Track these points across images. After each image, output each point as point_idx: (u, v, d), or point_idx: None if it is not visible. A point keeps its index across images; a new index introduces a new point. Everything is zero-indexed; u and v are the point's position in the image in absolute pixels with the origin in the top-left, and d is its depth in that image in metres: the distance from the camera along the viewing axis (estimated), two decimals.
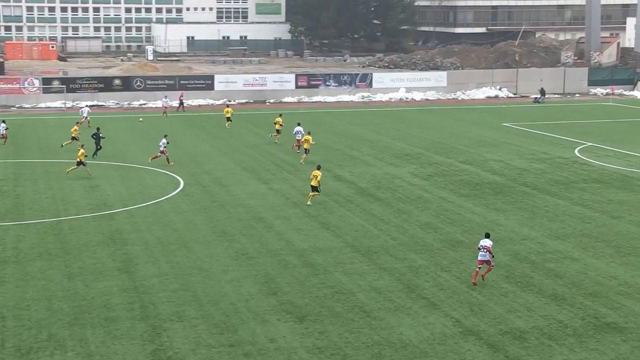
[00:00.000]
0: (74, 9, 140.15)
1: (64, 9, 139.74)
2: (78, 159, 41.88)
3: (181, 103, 72.07)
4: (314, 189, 36.74)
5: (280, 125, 53.79)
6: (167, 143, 45.71)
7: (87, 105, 67.21)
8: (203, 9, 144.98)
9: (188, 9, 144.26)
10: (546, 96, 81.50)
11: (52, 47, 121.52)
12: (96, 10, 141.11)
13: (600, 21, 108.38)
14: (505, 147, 52.42)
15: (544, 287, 26.00)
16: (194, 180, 42.19)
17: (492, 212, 35.69)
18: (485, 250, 26.19)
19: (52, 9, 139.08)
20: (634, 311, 23.82)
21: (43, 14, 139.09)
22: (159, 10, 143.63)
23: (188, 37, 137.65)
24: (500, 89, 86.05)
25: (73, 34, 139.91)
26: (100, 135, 47.95)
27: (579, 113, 71.56)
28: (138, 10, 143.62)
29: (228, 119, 60.90)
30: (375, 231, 32.61)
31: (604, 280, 26.59)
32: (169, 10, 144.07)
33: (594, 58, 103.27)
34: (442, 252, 29.83)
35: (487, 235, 26.81)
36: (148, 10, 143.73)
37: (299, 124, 50.25)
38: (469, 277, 26.82)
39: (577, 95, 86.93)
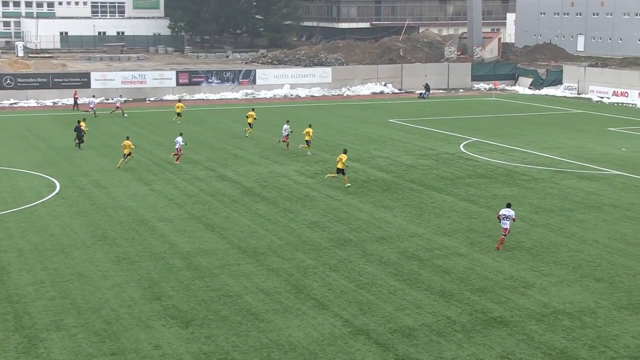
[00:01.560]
0: None
1: None
2: (126, 151, 44.22)
3: (75, 102, 70.64)
4: (341, 171, 39.74)
5: (254, 118, 55.20)
6: (184, 143, 46.72)
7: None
8: (77, 3, 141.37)
9: (60, 3, 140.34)
10: (431, 91, 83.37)
11: None
12: None
13: (481, 17, 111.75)
14: (392, 143, 53.31)
15: (432, 283, 26.56)
16: (70, 182, 41.10)
17: (379, 210, 36.22)
18: (509, 219, 29.65)
19: None
20: (519, 305, 24.64)
21: None
22: (28, 4, 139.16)
23: (61, 33, 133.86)
24: (385, 85, 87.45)
25: None
26: (81, 127, 50.05)
27: (464, 108, 73.53)
28: (5, 3, 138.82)
29: (178, 114, 62.01)
30: (261, 231, 32.57)
31: (491, 275, 27.39)
32: (39, 4, 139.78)
33: (476, 53, 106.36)
34: (330, 251, 30.06)
35: (509, 205, 30.34)
36: (17, 4, 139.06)
37: (287, 122, 50.91)
38: (357, 276, 27.14)
39: (461, 90, 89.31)
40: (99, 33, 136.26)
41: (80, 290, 25.62)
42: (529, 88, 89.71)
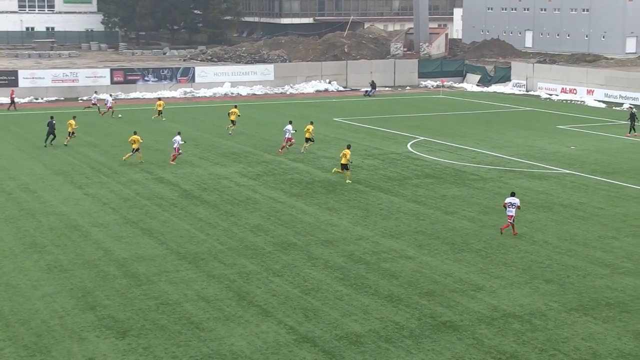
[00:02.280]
0: None
1: None
2: (134, 146, 45.39)
3: (12, 101, 69.45)
4: (344, 166, 41.27)
5: (237, 115, 56.35)
6: (184, 142, 47.06)
7: (110, 95, 69.75)
8: None
9: None
10: (377, 89, 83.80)
11: None
12: None
13: (428, 12, 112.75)
14: (337, 143, 53.42)
15: (380, 288, 26.67)
16: None
17: (324, 212, 36.26)
18: (514, 207, 32.00)
19: None
20: (468, 308, 24.87)
21: None
22: None
23: None
24: (329, 82, 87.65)
25: None
26: (53, 122, 51.14)
27: (411, 106, 74.07)
28: None
29: (159, 112, 62.49)
30: (202, 236, 32.36)
31: (439, 279, 27.60)
32: None
33: (423, 49, 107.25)
34: (273, 255, 30.00)
35: (513, 194, 32.75)
36: None
37: (290, 122, 50.55)
38: (302, 282, 27.13)
39: (408, 87, 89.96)
40: (27, 28, 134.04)
41: (8, 302, 25.14)
42: (477, 85, 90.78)
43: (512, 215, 32.33)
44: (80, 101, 75.85)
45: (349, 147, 42.66)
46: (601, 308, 24.89)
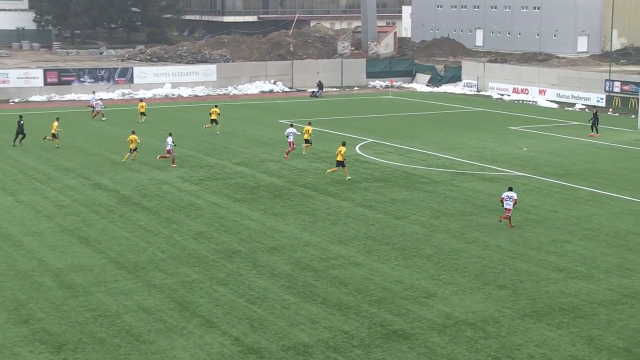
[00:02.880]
0: None
1: None
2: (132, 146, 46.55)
3: None
4: (341, 163, 42.78)
5: (218, 114, 57.63)
6: (174, 144, 47.35)
7: (100, 98, 69.05)
8: None
9: None
10: (324, 90, 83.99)
11: None
12: None
13: (376, 9, 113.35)
14: (282, 146, 53.37)
15: (328, 296, 26.70)
16: None
17: (270, 218, 36.21)
18: (512, 199, 34.21)
19: None
20: (419, 316, 25.02)
21: None
22: None
23: None
24: (275, 83, 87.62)
25: None
26: (22, 122, 52.66)
27: (359, 107, 74.36)
28: None
29: (142, 113, 62.29)
30: (142, 244, 32.09)
31: (390, 286, 27.72)
32: None
33: (371, 48, 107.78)
34: (217, 263, 29.87)
35: (510, 189, 34.93)
36: None
37: (291, 125, 50.81)
38: (248, 290, 27.04)
39: (355, 88, 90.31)
40: None
41: None
42: (427, 85, 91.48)
43: (509, 209, 34.39)
44: (11, 103, 74.70)
45: (344, 143, 43.64)
46: (555, 314, 25.23)
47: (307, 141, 49.95)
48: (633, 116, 65.29)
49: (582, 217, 36.43)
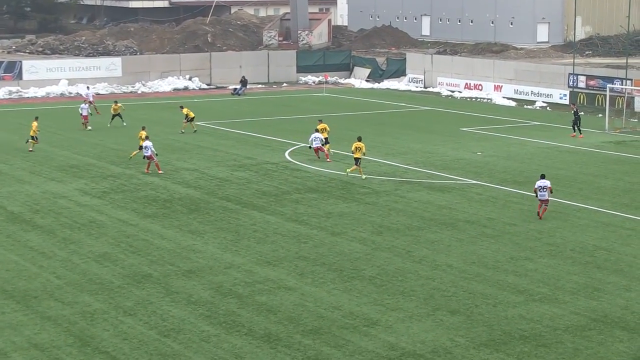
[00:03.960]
0: None
1: None
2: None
3: None
4: (357, 160, 45.86)
5: (192, 117, 59.44)
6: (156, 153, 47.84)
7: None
8: None
9: None
10: (248, 87, 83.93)
11: None
12: None
13: None
14: (200, 151, 53.23)
15: (255, 326, 26.65)
16: None
17: (186, 236, 36.04)
18: (546, 190, 37.53)
19: None
20: (360, 347, 25.11)
21: None
22: None
23: None
24: (190, 79, 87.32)
25: None
26: None
27: (288, 106, 74.45)
28: None
29: (119, 115, 62.08)
30: (34, 269, 31.69)
31: (326, 313, 27.78)
32: None
33: (302, 39, 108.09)
34: (124, 290, 29.62)
35: (543, 176, 38.39)
36: None
37: (317, 130, 51.80)
38: (160, 321, 26.86)
39: (284, 84, 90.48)
40: None
41: None
42: (367, 81, 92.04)
43: (547, 200, 37.89)
44: None
45: (359, 139, 46.25)
46: (514, 342, 25.54)
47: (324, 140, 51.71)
48: (600, 115, 66.55)
49: (544, 231, 36.98)
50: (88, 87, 73.50)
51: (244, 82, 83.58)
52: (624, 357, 24.53)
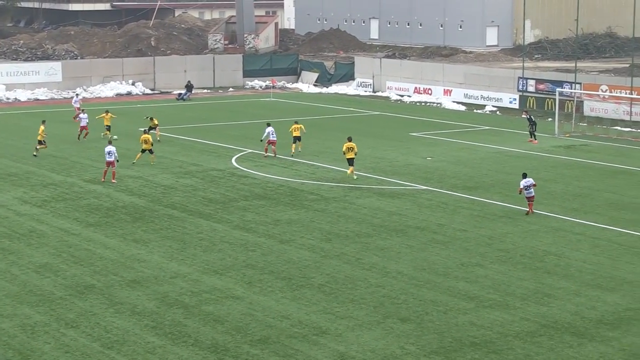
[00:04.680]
0: None
1: None
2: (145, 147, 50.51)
3: None
4: (351, 161, 47.39)
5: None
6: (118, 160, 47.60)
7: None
8: None
9: None
10: (193, 92, 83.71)
11: None
12: None
13: None
14: (144, 158, 52.97)
15: (201, 336, 26.62)
16: None
17: (130, 245, 35.89)
18: (531, 187, 40.13)
19: None
20: (309, 357, 25.19)
21: None
22: None
23: None
24: (133, 84, 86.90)
25: None
26: None
27: (235, 112, 74.36)
28: None
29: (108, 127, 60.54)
30: None
31: (274, 322, 27.82)
32: None
33: (248, 42, 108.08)
34: (66, 302, 29.44)
35: (525, 175, 40.90)
36: None
37: (269, 125, 54.25)
38: (104, 333, 26.74)
39: (231, 89, 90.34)
40: None
41: None
42: (315, 85, 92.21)
43: (533, 196, 40.27)
44: None
45: (350, 139, 47.96)
46: (465, 349, 25.78)
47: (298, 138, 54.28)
48: (550, 119, 67.28)
49: (494, 237, 37.34)
50: (77, 95, 73.23)
51: (189, 87, 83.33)
52: None
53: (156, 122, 59.14)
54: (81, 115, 60.39)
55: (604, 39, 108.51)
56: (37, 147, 53.46)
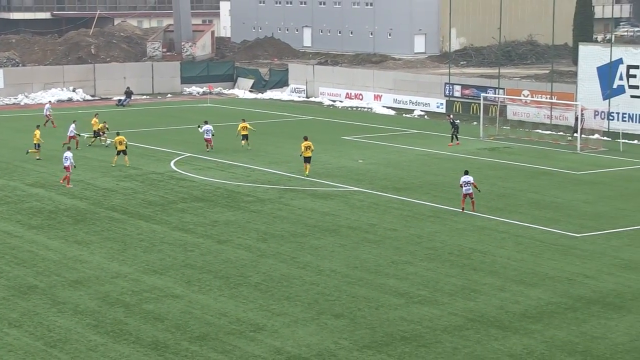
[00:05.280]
0: None
1: None
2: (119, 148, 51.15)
3: None
4: (308, 159, 48.85)
5: (105, 128, 59.80)
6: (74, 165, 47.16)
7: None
8: None
9: None
10: (132, 98, 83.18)
11: None
12: None
13: (190, 6, 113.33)
14: (85, 162, 52.58)
15: (142, 334, 26.49)
16: None
17: (72, 246, 35.60)
18: (469, 184, 40.50)
19: None
20: (247, 353, 25.19)
21: None
22: None
23: None
24: (74, 90, 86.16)
25: None
26: None
27: (173, 117, 74.08)
28: None
29: (97, 134, 59.77)
30: None
31: (213, 319, 27.78)
32: None
33: (186, 50, 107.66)
34: (9, 302, 29.13)
35: (466, 172, 41.22)
36: None
37: (206, 122, 57.20)
38: (46, 332, 26.49)
39: (169, 95, 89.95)
40: None
41: None
42: (250, 91, 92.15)
43: (471, 193, 40.67)
44: None
45: (306, 138, 49.68)
46: (396, 343, 25.96)
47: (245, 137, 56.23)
48: (475, 123, 67.93)
49: (423, 235, 37.64)
50: (50, 102, 73.20)
51: (128, 93, 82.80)
52: (499, 354, 25.17)
53: (107, 127, 59.84)
54: (72, 126, 58.87)
55: (526, 46, 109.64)
56: (31, 150, 53.72)
